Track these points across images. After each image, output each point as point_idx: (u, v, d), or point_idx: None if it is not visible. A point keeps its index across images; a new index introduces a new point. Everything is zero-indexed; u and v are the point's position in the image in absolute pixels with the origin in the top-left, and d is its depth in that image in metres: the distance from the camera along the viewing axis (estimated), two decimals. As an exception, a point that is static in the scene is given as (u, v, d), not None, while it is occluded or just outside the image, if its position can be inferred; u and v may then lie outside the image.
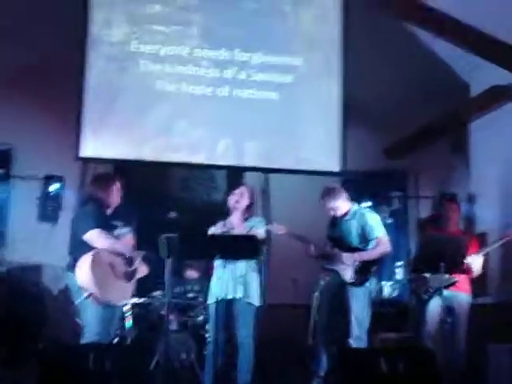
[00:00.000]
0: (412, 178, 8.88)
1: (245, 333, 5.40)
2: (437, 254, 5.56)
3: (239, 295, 5.38)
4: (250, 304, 5.41)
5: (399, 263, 8.54)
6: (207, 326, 6.46)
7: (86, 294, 4.97)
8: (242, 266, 5.37)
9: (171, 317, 5.99)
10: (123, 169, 7.08)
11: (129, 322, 6.00)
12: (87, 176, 7.29)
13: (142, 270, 5.31)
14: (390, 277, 8.41)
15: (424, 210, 8.73)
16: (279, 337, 6.42)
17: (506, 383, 5.81)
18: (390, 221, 8.50)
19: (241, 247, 4.77)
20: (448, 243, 5.70)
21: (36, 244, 7.30)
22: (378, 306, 6.47)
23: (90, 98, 6.84)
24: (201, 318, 6.56)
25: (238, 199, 5.59)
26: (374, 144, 8.61)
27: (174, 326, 6.32)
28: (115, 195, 5.33)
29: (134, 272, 5.24)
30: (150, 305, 6.52)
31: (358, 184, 7.94)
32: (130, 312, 5.99)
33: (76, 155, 6.82)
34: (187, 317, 6.59)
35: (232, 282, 5.38)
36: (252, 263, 5.42)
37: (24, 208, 7.46)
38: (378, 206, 8.34)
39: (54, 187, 7.44)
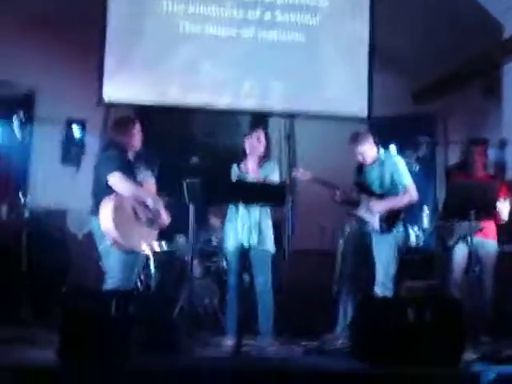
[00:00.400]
0: (441, 124, 8.64)
1: (263, 280, 5.34)
2: (466, 201, 5.43)
3: (254, 243, 5.30)
4: (265, 251, 5.34)
5: (426, 211, 8.41)
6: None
7: (109, 240, 4.91)
8: (256, 213, 5.28)
9: (195, 263, 5.91)
10: (145, 112, 6.96)
11: (152, 269, 5.94)
12: (109, 121, 7.20)
13: (164, 219, 5.22)
14: (417, 225, 8.28)
15: (453, 157, 8.51)
16: (305, 284, 6.32)
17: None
18: (417, 167, 8.35)
19: (265, 194, 4.64)
20: (477, 189, 5.56)
21: (59, 189, 7.25)
22: (404, 253, 6.35)
23: (112, 41, 6.73)
24: (224, 264, 6.50)
25: (255, 143, 5.45)
26: (402, 88, 8.33)
27: (197, 273, 6.27)
28: (136, 139, 5.23)
29: (156, 219, 5.16)
30: (174, 251, 6.48)
31: (384, 129, 7.76)
32: (154, 258, 5.91)
33: (99, 100, 6.70)
34: (210, 262, 6.54)
35: (247, 229, 5.30)
36: (266, 209, 5.31)
37: (46, 152, 7.38)
38: (405, 152, 8.19)
39: (76, 131, 7.33)
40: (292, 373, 4.19)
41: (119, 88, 6.73)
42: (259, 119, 7.24)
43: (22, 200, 6.77)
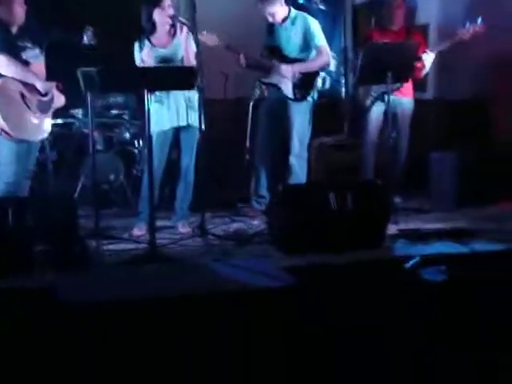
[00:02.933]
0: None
1: (188, 160, 5.00)
2: (383, 63, 5.12)
3: (191, 121, 4.88)
4: (195, 128, 4.90)
5: (333, 54, 8.08)
6: (135, 143, 6.06)
7: None
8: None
9: (95, 135, 5.42)
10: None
11: (48, 149, 5.43)
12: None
13: (59, 100, 4.68)
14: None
15: (360, -5, 8.07)
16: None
17: (447, 191, 5.68)
18: (322, 7, 7.91)
19: (174, 80, 4.15)
20: (395, 50, 5.24)
21: None
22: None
23: None
24: (127, 134, 6.06)
25: (168, 12, 4.82)
26: None
27: (98, 146, 5.81)
28: (18, 9, 4.50)
29: (49, 102, 4.60)
30: (71, 124, 5.96)
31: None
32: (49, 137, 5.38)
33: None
34: (112, 133, 6.07)
35: (184, 107, 4.85)
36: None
37: None
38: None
39: None
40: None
41: None
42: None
43: None
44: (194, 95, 4.82)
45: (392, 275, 3.84)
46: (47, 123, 4.64)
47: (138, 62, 4.77)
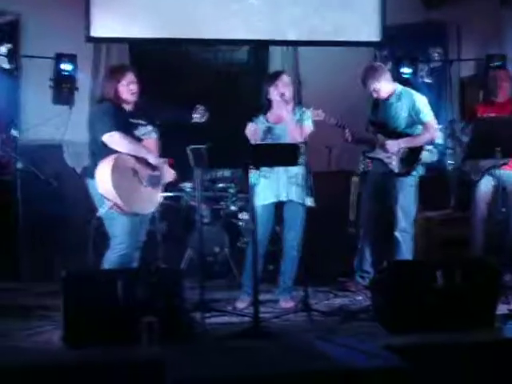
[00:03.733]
0: (454, 33, 8.08)
1: (293, 236, 5.02)
2: (492, 138, 5.02)
3: (292, 197, 4.95)
4: (302, 205, 4.97)
5: (439, 126, 8.02)
6: (240, 216, 6.15)
7: (109, 204, 4.52)
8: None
9: (202, 208, 5.56)
10: (141, 55, 6.41)
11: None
12: (101, 58, 6.72)
13: (169, 175, 4.85)
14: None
15: (466, 69, 8.02)
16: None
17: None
18: (428, 80, 7.92)
19: (279, 157, 4.23)
20: (503, 124, 5.15)
21: (54, 126, 6.82)
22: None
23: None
24: (233, 207, 6.17)
25: (284, 91, 4.97)
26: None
27: (205, 219, 5.94)
28: (131, 89, 4.73)
29: (160, 177, 4.76)
30: (180, 197, 6.13)
31: (395, 39, 7.28)
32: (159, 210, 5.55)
33: (87, 35, 6.16)
34: (218, 206, 6.20)
35: (286, 183, 4.94)
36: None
37: (37, 90, 6.88)
38: (417, 64, 7.73)
39: (67, 67, 6.79)
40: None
41: (109, 23, 6.14)
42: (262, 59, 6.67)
43: (15, 134, 6.35)
44: (297, 171, 4.89)
45: (503, 358, 3.68)
46: (157, 197, 4.80)
47: (253, 138, 4.91)
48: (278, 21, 6.33)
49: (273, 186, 4.96)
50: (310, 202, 5.01)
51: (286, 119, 4.98)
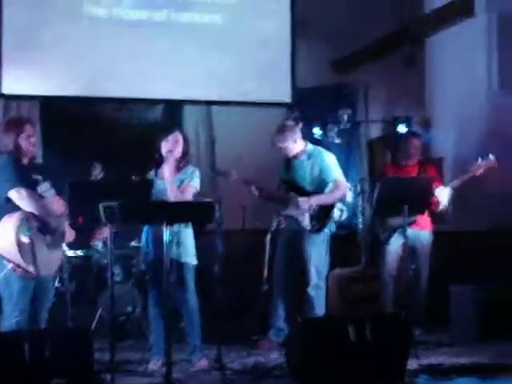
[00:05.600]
0: (361, 95, 8.37)
1: (183, 294, 4.91)
2: (399, 197, 5.18)
3: (176, 256, 4.81)
4: (187, 263, 4.91)
5: (349, 185, 8.21)
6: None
7: (9, 266, 4.25)
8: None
9: (114, 267, 5.44)
10: (52, 111, 6.35)
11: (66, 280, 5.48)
12: (10, 114, 6.59)
13: (69, 235, 4.66)
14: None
15: (374, 130, 8.29)
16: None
17: (468, 324, 5.59)
18: (338, 141, 8.14)
19: (191, 214, 4.23)
20: (411, 185, 5.33)
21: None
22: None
23: (9, 29, 6.01)
24: (143, 265, 6.07)
25: (172, 147, 4.93)
26: (322, 58, 8.03)
27: (117, 277, 5.84)
28: (32, 141, 4.52)
29: (62, 237, 4.59)
30: (90, 256, 6.02)
31: (306, 101, 7.50)
32: (67, 268, 5.44)
33: (-1, 92, 6.09)
34: (130, 265, 6.11)
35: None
36: None
37: None
38: (327, 125, 7.95)
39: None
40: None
41: (18, 81, 6.07)
42: (175, 118, 6.76)
43: None
44: (182, 231, 4.85)
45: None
46: (59, 257, 4.64)
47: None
48: (192, 79, 6.40)
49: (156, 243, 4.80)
50: (193, 259, 4.96)
51: (167, 178, 4.91)
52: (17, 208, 4.33)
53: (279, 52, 6.72)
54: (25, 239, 4.27)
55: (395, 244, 5.84)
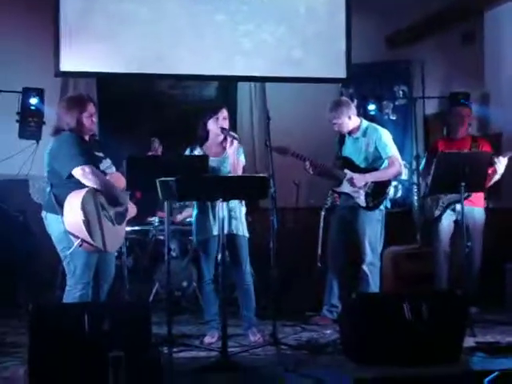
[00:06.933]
0: (418, 71, 8.24)
1: (239, 267, 4.96)
2: (457, 172, 5.09)
3: (233, 230, 4.90)
4: (243, 237, 4.97)
5: (404, 163, 8.14)
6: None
7: (77, 242, 4.32)
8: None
9: (170, 243, 5.53)
10: (108, 89, 6.44)
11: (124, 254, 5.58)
12: (68, 92, 6.69)
13: (132, 211, 4.77)
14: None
15: (430, 107, 8.17)
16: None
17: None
18: (393, 117, 8.08)
19: (247, 189, 4.24)
20: (468, 160, 5.20)
21: (20, 161, 6.75)
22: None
23: (67, 8, 6.09)
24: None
25: (223, 124, 4.96)
26: (379, 34, 7.93)
27: (173, 253, 5.93)
28: (91, 121, 4.59)
29: (124, 213, 4.67)
30: (147, 231, 6.12)
31: (360, 78, 7.43)
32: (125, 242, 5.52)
33: (56, 70, 6.17)
34: (186, 241, 6.19)
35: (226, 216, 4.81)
36: None
37: (3, 125, 6.83)
38: (382, 101, 7.89)
39: (34, 101, 6.76)
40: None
41: (78, 57, 6.16)
42: (230, 94, 6.75)
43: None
44: (234, 205, 4.89)
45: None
46: (123, 234, 4.73)
47: None
48: (247, 57, 6.40)
49: (214, 221, 4.89)
50: (247, 233, 5.01)
51: (229, 152, 4.96)
52: (80, 185, 4.38)
53: (334, 27, 6.63)
54: (91, 215, 4.35)
55: (447, 221, 5.77)
